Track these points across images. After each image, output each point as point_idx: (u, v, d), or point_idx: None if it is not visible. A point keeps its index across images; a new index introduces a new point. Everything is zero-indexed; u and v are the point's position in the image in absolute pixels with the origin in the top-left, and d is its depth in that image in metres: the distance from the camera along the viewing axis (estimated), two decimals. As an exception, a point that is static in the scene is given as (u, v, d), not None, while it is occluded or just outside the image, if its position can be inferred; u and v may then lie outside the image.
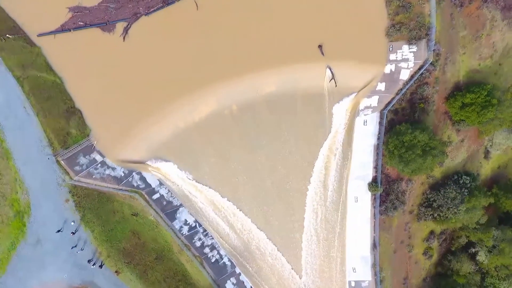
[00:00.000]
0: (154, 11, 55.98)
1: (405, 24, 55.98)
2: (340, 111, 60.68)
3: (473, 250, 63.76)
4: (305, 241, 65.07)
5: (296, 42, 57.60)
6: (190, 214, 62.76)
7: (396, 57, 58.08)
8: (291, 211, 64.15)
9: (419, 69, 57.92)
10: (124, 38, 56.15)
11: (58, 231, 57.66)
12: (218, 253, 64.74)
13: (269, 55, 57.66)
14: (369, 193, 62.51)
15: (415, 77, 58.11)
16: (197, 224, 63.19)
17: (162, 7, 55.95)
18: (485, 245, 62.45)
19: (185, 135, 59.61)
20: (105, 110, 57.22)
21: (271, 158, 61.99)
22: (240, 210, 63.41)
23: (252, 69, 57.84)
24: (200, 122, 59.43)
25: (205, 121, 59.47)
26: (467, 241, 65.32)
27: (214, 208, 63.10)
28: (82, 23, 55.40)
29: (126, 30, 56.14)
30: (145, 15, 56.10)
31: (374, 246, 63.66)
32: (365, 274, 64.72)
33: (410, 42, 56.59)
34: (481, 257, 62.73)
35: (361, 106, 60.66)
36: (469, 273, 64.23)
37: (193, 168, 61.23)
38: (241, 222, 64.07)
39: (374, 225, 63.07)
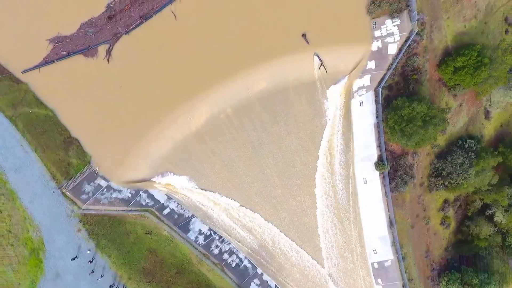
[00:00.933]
0: (134, 28, 55.74)
1: (384, -1, 55.66)
2: (335, 96, 60.34)
3: (490, 212, 63.43)
4: (321, 231, 64.82)
5: (279, 35, 57.28)
6: (203, 223, 62.58)
7: (381, 33, 57.70)
8: (302, 204, 63.89)
9: (406, 41, 57.55)
10: (108, 60, 55.94)
11: (73, 258, 57.58)
12: (238, 257, 64.55)
13: (254, 53, 57.36)
14: (377, 173, 62.19)
15: (403, 50, 57.74)
16: (211, 232, 63.01)
17: (140, 23, 55.71)
18: (501, 205, 62.08)
19: (185, 146, 59.41)
20: (102, 134, 57.04)
21: (274, 154, 61.74)
22: (252, 211, 63.23)
23: (240, 69, 57.56)
24: (198, 131, 59.21)
25: (203, 128, 59.24)
26: (482, 204, 64.94)
27: (226, 214, 62.92)
28: (64, 53, 55.22)
29: (108, 52, 55.94)
30: (125, 34, 55.86)
31: (390, 224, 63.36)
32: (386, 253, 64.44)
33: (392, 16, 56.24)
34: (499, 217, 62.38)
35: (355, 88, 60.31)
36: (489, 235, 63.88)
37: (199, 177, 61.04)
38: (256, 223, 63.85)
39: (388, 203, 62.75)
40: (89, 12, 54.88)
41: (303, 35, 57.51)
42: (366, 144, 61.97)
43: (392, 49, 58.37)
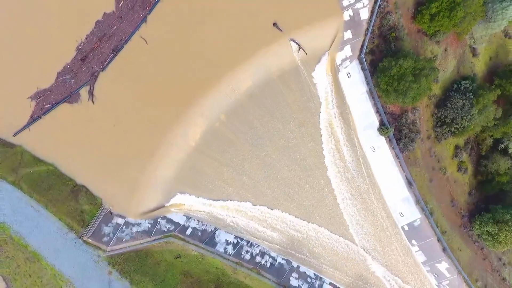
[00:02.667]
0: (108, 63, 55.68)
1: (343, -33, 55.36)
2: (321, 75, 60.07)
3: (502, 145, 63.01)
4: (343, 208, 64.56)
5: (251, 31, 57.10)
6: (228, 232, 62.44)
7: (350, 1, 57.43)
8: (319, 187, 63.62)
9: (375, 2, 57.20)
10: (92, 101, 55.90)
11: None
12: (270, 256, 64.39)
13: (231, 54, 57.23)
14: (383, 138, 61.87)
15: (375, 12, 57.44)
16: (238, 239, 62.88)
17: (114, 57, 55.64)
18: (511, 136, 61.66)
19: (190, 163, 59.32)
20: (107, 174, 57.00)
21: (277, 147, 61.53)
22: (271, 208, 63.00)
23: (221, 73, 57.47)
24: (198, 145, 59.11)
25: (202, 141, 59.16)
26: (493, 140, 64.53)
27: (247, 217, 62.74)
28: (48, 105, 55.24)
29: (91, 93, 55.91)
30: (102, 71, 55.81)
31: (409, 184, 63.04)
32: (413, 213, 64.13)
33: (355, -19, 55.97)
34: (513, 148, 62.07)
35: (338, 61, 60.02)
36: (508, 168, 63.45)
37: (211, 189, 60.92)
38: (277, 218, 63.66)
39: (401, 164, 62.43)
40: (61, 60, 54.88)
41: (274, 24, 57.29)
42: (365, 113, 61.66)
43: (364, 14, 58.05)
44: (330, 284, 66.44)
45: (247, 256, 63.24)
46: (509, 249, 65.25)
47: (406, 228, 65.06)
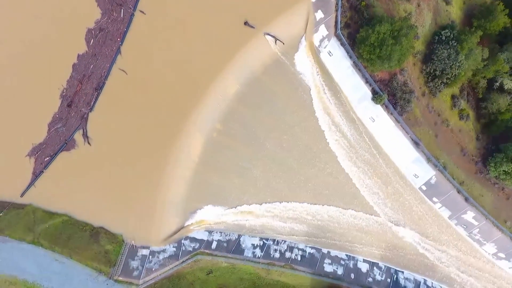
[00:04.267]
0: (95, 103, 55.78)
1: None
2: (303, 60, 60.05)
3: (497, 84, 62.75)
4: (359, 185, 64.50)
5: (225, 35, 57.17)
6: (252, 236, 62.50)
7: (312, -18, 57.41)
8: (329, 171, 63.58)
9: (338, -24, 57.11)
10: (89, 142, 56.01)
11: None
12: (299, 249, 64.38)
13: (210, 63, 57.29)
14: (379, 106, 61.74)
15: (340, -15, 57.33)
16: (263, 240, 62.93)
17: (98, 95, 55.75)
18: (503, 72, 61.41)
19: (198, 179, 59.43)
20: (121, 210, 57.09)
21: (279, 143, 61.52)
22: (290, 202, 62.94)
23: (206, 84, 57.51)
24: (201, 159, 59.19)
25: (204, 154, 59.24)
26: (486, 81, 64.28)
27: (268, 217, 62.78)
28: (47, 158, 55.40)
29: (85, 136, 56.01)
30: (90, 112, 55.92)
31: (416, 144, 62.91)
32: (427, 172, 63.95)
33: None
34: (508, 84, 61.68)
35: (317, 43, 59.94)
36: (509, 104, 63.21)
37: (225, 199, 60.99)
38: (298, 210, 63.67)
39: (403, 127, 62.28)
40: (49, 111, 55.04)
41: (245, 23, 57.30)
42: (355, 86, 61.55)
43: (330, -10, 58.01)
44: (364, 261, 66.43)
45: (277, 255, 63.27)
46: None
47: (424, 188, 64.92)
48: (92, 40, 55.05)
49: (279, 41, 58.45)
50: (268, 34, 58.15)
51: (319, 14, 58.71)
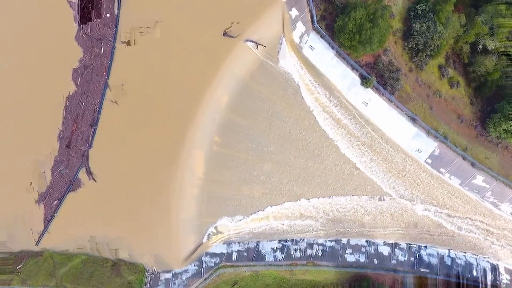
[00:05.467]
0: (92, 139, 56.44)
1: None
2: (287, 59, 60.77)
3: (480, 46, 63.07)
4: (365, 170, 64.75)
5: (206, 49, 57.97)
6: (270, 240, 62.72)
7: (281, -18, 58.37)
8: (333, 162, 63.88)
9: (305, -28, 58.04)
10: (94, 179, 56.54)
11: None
12: (318, 244, 64.48)
13: (198, 79, 58.02)
14: (369, 89, 62.26)
15: (309, -20, 58.24)
16: (282, 242, 63.11)
17: (94, 131, 56.44)
18: (484, 34, 61.82)
19: (207, 194, 59.90)
20: (136, 239, 57.51)
21: (279, 143, 61.97)
22: (301, 199, 63.18)
23: (198, 101, 58.20)
24: (206, 175, 59.72)
25: (208, 169, 59.74)
26: (469, 45, 64.67)
27: (282, 218, 63.07)
28: (56, 202, 55.92)
29: (89, 173, 56.56)
30: (90, 149, 56.55)
31: (413, 120, 63.29)
32: (429, 145, 64.22)
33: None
34: (490, 44, 61.99)
35: (297, 40, 60.70)
36: (496, 64, 63.63)
37: (237, 209, 61.35)
38: (311, 206, 63.94)
39: (397, 106, 62.74)
40: (49, 156, 55.65)
41: (224, 34, 58.14)
42: (342, 75, 62.15)
43: (299, -13, 58.91)
44: (385, 244, 66.46)
45: (297, 254, 63.37)
46: (531, 137, 65.18)
47: (429, 161, 65.18)
48: (79, 79, 55.88)
49: (260, 45, 59.25)
50: (248, 41, 58.97)
51: (294, 12, 59.56)
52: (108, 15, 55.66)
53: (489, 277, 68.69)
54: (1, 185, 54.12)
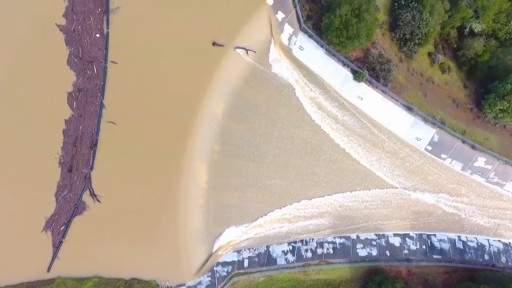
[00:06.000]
0: (93, 161, 56.51)
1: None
2: (278, 62, 61.28)
3: (467, 30, 63.84)
4: (366, 163, 64.93)
5: (197, 60, 58.45)
6: (280, 243, 62.60)
7: (265, -13, 59.09)
8: (334, 159, 64.05)
9: (287, -25, 58.77)
10: (98, 200, 56.50)
11: None
12: (328, 242, 64.40)
13: (192, 91, 58.39)
14: (362, 83, 62.73)
15: (291, -17, 59.00)
16: (291, 244, 63.01)
17: (94, 152, 56.57)
18: (469, 17, 62.55)
19: (212, 204, 59.90)
20: (146, 257, 57.29)
21: (279, 146, 62.16)
22: (308, 199, 63.23)
23: (194, 112, 58.52)
24: (210, 184, 59.77)
25: (211, 178, 59.84)
26: (456, 30, 65.40)
27: (289, 220, 63.06)
28: (63, 227, 55.79)
29: (93, 195, 56.54)
30: (91, 170, 56.62)
31: (409, 109, 63.71)
32: (428, 132, 64.58)
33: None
34: (476, 27, 62.76)
35: (285, 42, 61.25)
36: (484, 45, 64.29)
37: (243, 215, 61.30)
38: (316, 205, 63.96)
39: (392, 96, 63.20)
40: (52, 182, 55.68)
41: (214, 44, 58.63)
42: (334, 72, 62.62)
43: (283, -10, 59.63)
44: (395, 235, 66.40)
45: (309, 254, 63.25)
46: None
47: (429, 148, 65.46)
48: (74, 103, 56.13)
49: (250, 50, 59.73)
50: (238, 48, 59.45)
51: (280, 15, 60.19)
52: (97, 35, 56.12)
53: (503, 258, 68.68)
54: (8, 215, 53.96)
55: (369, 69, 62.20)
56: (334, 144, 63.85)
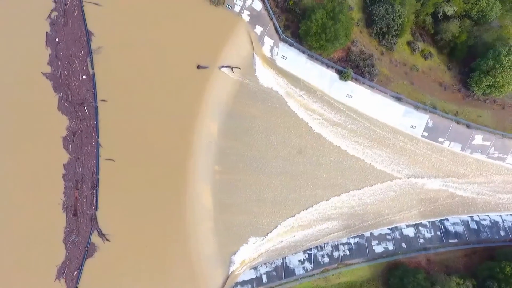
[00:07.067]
0: (97, 201, 56.38)
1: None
2: (264, 75, 62.28)
3: (440, 14, 65.22)
4: (367, 159, 65.16)
5: (185, 84, 59.31)
6: (295, 254, 62.04)
7: (239, 5, 60.61)
8: (335, 160, 64.26)
9: (258, -10, 60.42)
10: (107, 239, 56.05)
11: None
12: (342, 244, 63.86)
13: (184, 114, 58.99)
14: (349, 81, 63.64)
15: (264, -3, 60.65)
16: (307, 252, 62.43)
17: (97, 191, 56.53)
18: (440, 2, 64.05)
19: (221, 225, 59.62)
20: (164, 285, 56.44)
21: (279, 157, 62.42)
22: (315, 204, 63.13)
23: (189, 135, 58.87)
24: (216, 206, 59.71)
25: (216, 200, 59.84)
26: (430, 16, 66.87)
27: (301, 228, 62.75)
28: (75, 272, 55.12)
29: (101, 235, 56.13)
30: (96, 211, 56.38)
31: (398, 99, 64.50)
32: (421, 119, 65.18)
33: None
34: (449, 10, 64.10)
35: (268, 54, 62.42)
36: (460, 27, 65.68)
37: (255, 231, 60.99)
38: (325, 209, 63.77)
39: (379, 90, 64.08)
40: (58, 229, 55.40)
41: (198, 67, 59.63)
42: (320, 75, 63.60)
43: (257, 5, 61.15)
44: (407, 226, 66.02)
45: (326, 259, 62.60)
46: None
47: (425, 134, 65.95)
48: (70, 146, 56.42)
49: (235, 68, 60.76)
50: (223, 67, 60.48)
51: (258, 29, 61.56)
52: (84, 76, 56.96)
53: (518, 231, 68.17)
54: (18, 269, 53.30)
55: (353, 67, 63.27)
56: (333, 146, 64.22)
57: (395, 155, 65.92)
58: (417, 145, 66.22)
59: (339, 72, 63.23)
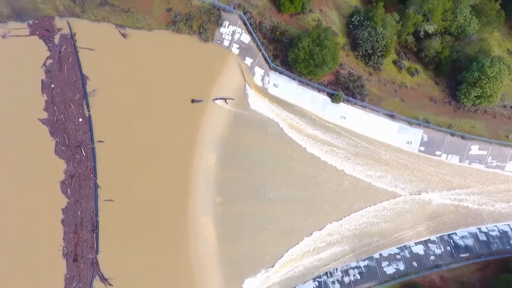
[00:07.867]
0: (97, 244, 55.19)
1: (188, 19, 60.83)
2: (257, 103, 63.40)
3: (421, 33, 67.83)
4: (366, 178, 64.99)
5: (180, 120, 60.03)
6: (306, 281, 60.20)
7: (228, 39, 62.65)
8: (335, 183, 63.99)
9: (244, 24, 62.78)
10: (110, 283, 54.40)
11: None
12: (352, 268, 62.19)
13: (182, 149, 59.23)
14: (341, 103, 64.83)
15: (251, 30, 62.83)
16: (317, 280, 60.65)
17: (97, 234, 55.46)
18: (420, 22, 66.87)
19: (225, 258, 58.31)
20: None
21: (279, 183, 62.20)
22: (319, 229, 62.19)
23: (187, 169, 58.91)
24: (219, 240, 58.76)
25: (219, 233, 58.94)
26: (412, 35, 69.45)
27: (309, 254, 61.36)
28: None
29: (103, 279, 54.49)
30: (97, 254, 55.05)
31: (391, 116, 65.46)
32: (416, 134, 65.84)
33: (219, 24, 61.62)
34: (429, 28, 66.89)
35: (259, 83, 63.86)
36: (442, 43, 68.10)
37: (261, 261, 59.57)
38: (330, 233, 62.70)
39: (372, 109, 65.16)
40: (59, 277, 53.88)
41: (192, 101, 60.68)
42: (312, 100, 64.83)
43: (245, 38, 63.33)
44: (416, 243, 64.73)
45: (337, 286, 60.67)
46: (502, 94, 67.98)
47: (422, 148, 66.34)
48: (68, 190, 55.95)
49: (229, 99, 61.90)
50: (216, 99, 61.61)
51: (248, 60, 63.40)
52: (80, 119, 57.57)
53: (528, 239, 66.96)
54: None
55: (343, 89, 64.70)
56: (332, 168, 64.22)
57: (394, 172, 65.86)
58: (415, 160, 66.40)
59: (330, 95, 64.54)
